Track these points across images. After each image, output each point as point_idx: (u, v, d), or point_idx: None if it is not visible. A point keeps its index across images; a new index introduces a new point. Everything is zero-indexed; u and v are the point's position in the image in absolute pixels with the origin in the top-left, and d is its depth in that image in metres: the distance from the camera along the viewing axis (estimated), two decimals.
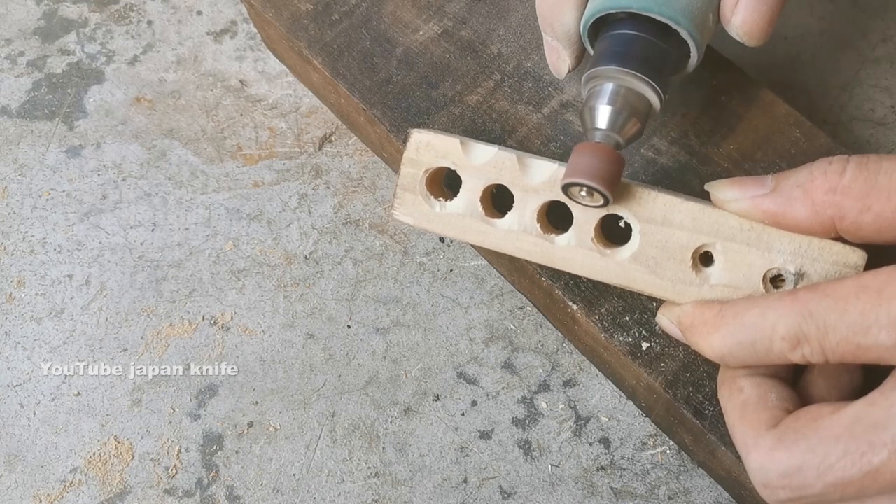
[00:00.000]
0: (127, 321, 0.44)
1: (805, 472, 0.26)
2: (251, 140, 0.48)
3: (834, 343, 0.26)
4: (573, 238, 0.33)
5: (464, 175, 0.34)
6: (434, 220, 0.34)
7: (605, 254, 0.32)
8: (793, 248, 0.30)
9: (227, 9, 0.53)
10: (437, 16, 0.43)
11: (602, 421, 0.41)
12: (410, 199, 0.35)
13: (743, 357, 0.28)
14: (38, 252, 0.46)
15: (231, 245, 0.46)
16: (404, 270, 0.44)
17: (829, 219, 0.28)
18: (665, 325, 0.32)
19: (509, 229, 0.33)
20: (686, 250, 0.31)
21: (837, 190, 0.28)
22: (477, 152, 0.34)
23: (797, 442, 0.26)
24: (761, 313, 0.27)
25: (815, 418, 0.26)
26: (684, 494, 0.39)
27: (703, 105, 0.40)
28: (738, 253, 0.31)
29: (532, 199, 0.33)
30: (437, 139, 0.34)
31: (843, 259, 0.30)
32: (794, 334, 0.27)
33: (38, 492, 0.40)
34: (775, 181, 0.29)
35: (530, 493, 0.39)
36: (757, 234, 0.30)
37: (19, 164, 0.49)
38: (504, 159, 0.33)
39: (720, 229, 0.31)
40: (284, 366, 0.43)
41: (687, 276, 0.31)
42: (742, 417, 0.29)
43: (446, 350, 0.42)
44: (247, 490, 0.40)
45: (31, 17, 0.54)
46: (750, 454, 0.28)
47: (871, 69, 0.48)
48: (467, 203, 0.34)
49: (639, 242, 0.32)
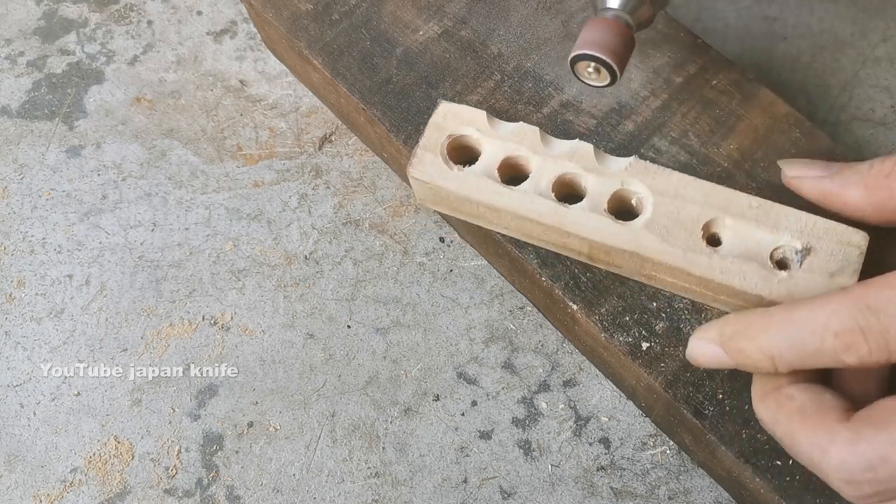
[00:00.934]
0: (127, 321, 0.44)
1: (892, 462, 0.25)
2: (251, 140, 0.48)
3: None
4: (587, 206, 0.34)
5: (485, 143, 0.35)
6: (450, 178, 0.35)
7: (618, 222, 0.33)
8: (799, 227, 0.32)
9: (227, 9, 0.53)
10: (437, 16, 0.43)
11: (602, 421, 0.41)
12: (430, 158, 0.36)
13: (791, 359, 0.28)
14: (38, 252, 0.46)
15: (231, 245, 0.46)
16: (404, 270, 0.44)
17: (880, 200, 0.30)
18: (699, 351, 0.31)
19: (524, 193, 0.34)
20: (697, 222, 0.32)
21: (891, 175, 0.30)
22: (501, 125, 0.36)
23: (878, 433, 0.25)
24: (811, 310, 0.27)
25: (892, 411, 0.26)
26: (684, 494, 0.39)
27: (703, 105, 0.40)
28: (747, 228, 0.32)
29: (550, 167, 0.34)
30: (464, 108, 0.36)
31: (846, 238, 0.31)
32: (850, 329, 0.26)
33: (38, 492, 0.40)
34: (840, 167, 0.32)
35: (530, 493, 0.39)
36: (765, 211, 0.32)
37: (19, 164, 0.49)
38: (527, 131, 0.35)
39: (730, 206, 0.32)
40: (284, 366, 0.43)
41: (697, 245, 0.32)
42: (804, 422, 0.28)
43: (446, 350, 0.42)
44: (247, 490, 0.40)
45: (31, 17, 0.54)
46: (827, 453, 0.27)
47: (871, 69, 0.48)
48: (485, 168, 0.35)
49: (651, 212, 0.33)
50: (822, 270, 0.31)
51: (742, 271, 0.32)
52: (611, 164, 0.34)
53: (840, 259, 0.31)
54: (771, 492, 0.33)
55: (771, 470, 0.33)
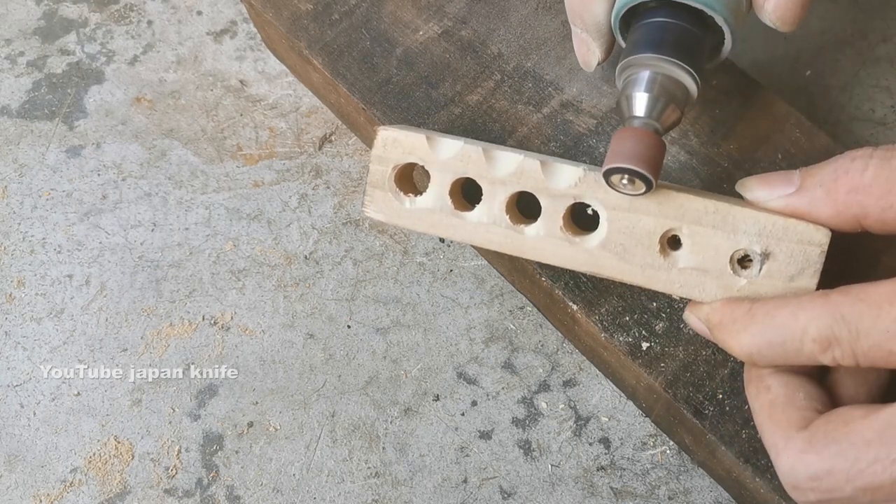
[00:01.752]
0: (127, 321, 0.44)
1: (835, 475, 0.26)
2: (251, 140, 0.48)
3: (866, 348, 0.26)
4: (542, 228, 0.33)
5: (432, 170, 0.34)
6: (404, 216, 0.34)
7: (574, 242, 0.33)
8: (758, 229, 0.30)
9: (227, 9, 0.53)
10: (437, 16, 0.43)
11: (602, 421, 0.41)
12: (380, 196, 0.35)
13: (772, 356, 0.28)
14: (38, 252, 0.46)
15: (231, 245, 0.46)
16: (404, 270, 0.44)
17: (852, 217, 0.29)
18: (693, 324, 0.32)
19: (479, 222, 0.34)
20: (653, 235, 0.32)
21: (859, 189, 0.28)
22: (443, 147, 0.34)
23: (828, 446, 0.26)
24: (792, 313, 0.28)
25: (846, 422, 0.26)
26: (684, 494, 0.39)
27: (703, 105, 0.40)
28: (705, 235, 0.31)
29: (500, 190, 0.33)
30: (403, 135, 0.34)
31: (807, 237, 0.30)
32: (826, 336, 0.27)
33: (38, 492, 0.40)
34: (801, 178, 0.30)
35: (530, 493, 0.39)
36: (722, 216, 0.31)
37: (19, 164, 0.49)
38: (470, 152, 0.33)
39: (685, 213, 0.31)
40: (284, 366, 0.43)
41: (655, 261, 0.32)
42: (770, 417, 0.29)
43: (446, 350, 0.42)
44: (247, 490, 0.40)
45: (31, 17, 0.54)
46: (780, 455, 0.28)
47: (871, 69, 0.48)
48: (436, 197, 0.34)
49: (606, 229, 0.32)
50: (782, 275, 0.30)
51: (701, 283, 0.31)
52: (561, 178, 0.33)
53: (800, 261, 0.30)
54: (771, 492, 0.33)
55: (771, 470, 0.33)
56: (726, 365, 0.35)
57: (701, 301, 0.31)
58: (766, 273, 0.30)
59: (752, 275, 0.31)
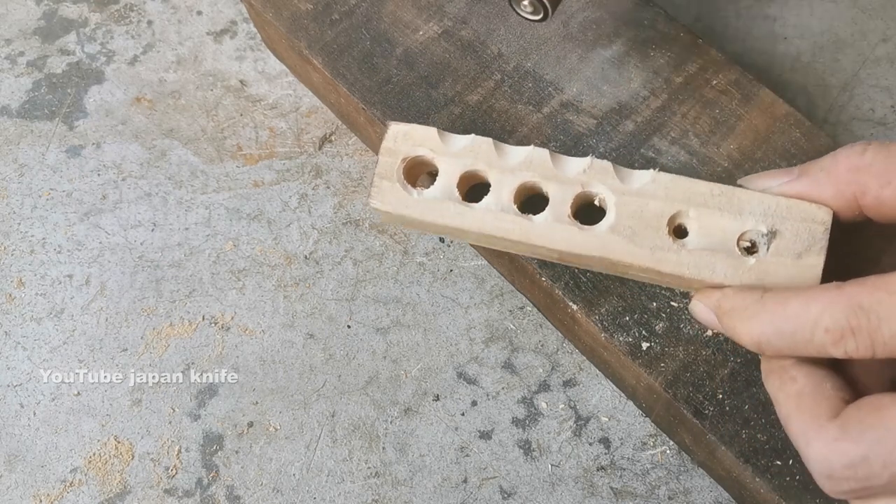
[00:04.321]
0: (127, 321, 0.44)
1: (872, 462, 0.26)
2: (251, 140, 0.48)
3: (887, 336, 0.26)
4: (550, 215, 0.33)
5: (441, 163, 0.35)
6: (411, 205, 0.35)
7: (583, 228, 0.33)
8: (762, 209, 0.31)
9: (227, 9, 0.53)
10: (437, 16, 0.43)
11: (602, 421, 0.41)
12: (388, 186, 0.35)
13: (780, 346, 0.28)
14: (38, 252, 0.46)
15: (231, 245, 0.46)
16: (404, 270, 0.44)
17: (851, 196, 0.30)
18: (699, 312, 0.32)
19: (487, 209, 0.34)
20: (661, 218, 0.32)
21: (859, 168, 0.29)
22: (454, 140, 0.35)
23: (863, 432, 0.26)
24: (805, 303, 0.27)
25: (877, 408, 0.26)
26: (684, 494, 0.39)
27: (703, 105, 0.40)
28: (711, 218, 0.32)
29: (509, 179, 0.34)
30: (414, 129, 0.35)
31: (811, 216, 0.31)
32: (840, 327, 0.26)
33: (38, 492, 0.40)
34: (801, 168, 0.31)
35: (530, 493, 0.39)
36: (727, 198, 0.32)
37: (19, 164, 0.49)
38: (480, 143, 0.34)
39: (692, 197, 0.32)
40: (284, 366, 0.43)
41: (664, 243, 0.32)
42: (799, 407, 0.28)
43: (446, 350, 0.42)
44: (247, 490, 0.40)
45: (31, 17, 0.54)
46: (811, 445, 0.27)
47: (871, 69, 0.48)
48: (444, 189, 0.35)
49: (615, 214, 0.33)
50: (790, 252, 0.31)
51: (710, 264, 0.32)
52: (569, 167, 0.34)
53: (806, 239, 0.31)
54: (771, 492, 0.33)
55: (771, 470, 0.33)
56: (726, 365, 0.35)
57: (711, 282, 0.32)
58: (775, 251, 0.31)
59: (760, 254, 0.31)
